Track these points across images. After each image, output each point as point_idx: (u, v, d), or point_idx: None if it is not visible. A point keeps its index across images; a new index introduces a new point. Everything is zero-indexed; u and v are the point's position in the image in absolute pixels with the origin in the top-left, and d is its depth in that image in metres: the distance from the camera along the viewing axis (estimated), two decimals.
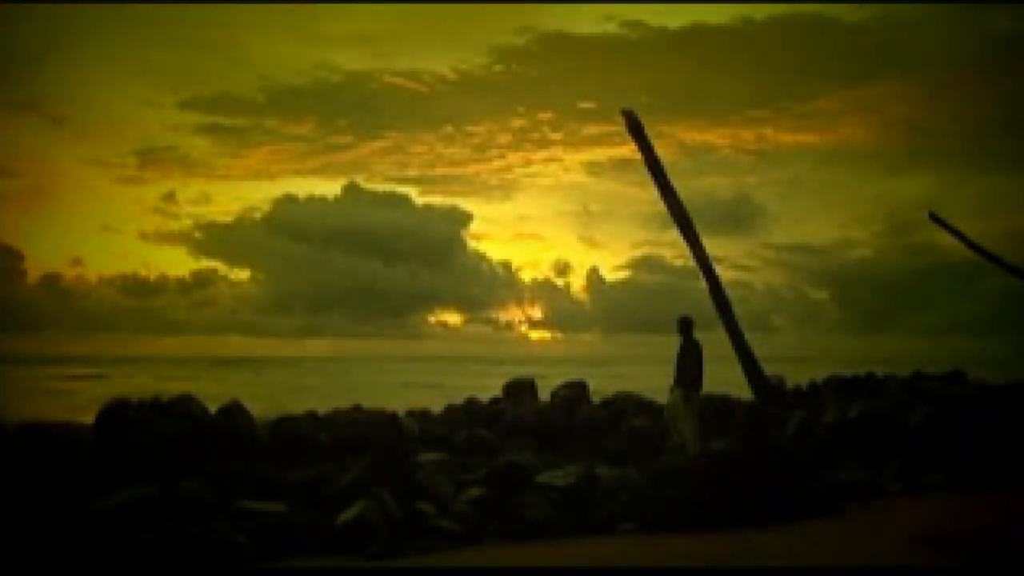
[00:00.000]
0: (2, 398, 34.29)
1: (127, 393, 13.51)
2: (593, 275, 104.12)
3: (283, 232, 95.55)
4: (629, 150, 11.27)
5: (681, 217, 10.63)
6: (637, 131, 10.62)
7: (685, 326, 11.86)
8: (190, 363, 78.61)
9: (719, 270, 10.70)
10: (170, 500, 8.87)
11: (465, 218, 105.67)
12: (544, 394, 16.27)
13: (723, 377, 14.20)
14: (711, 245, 10.71)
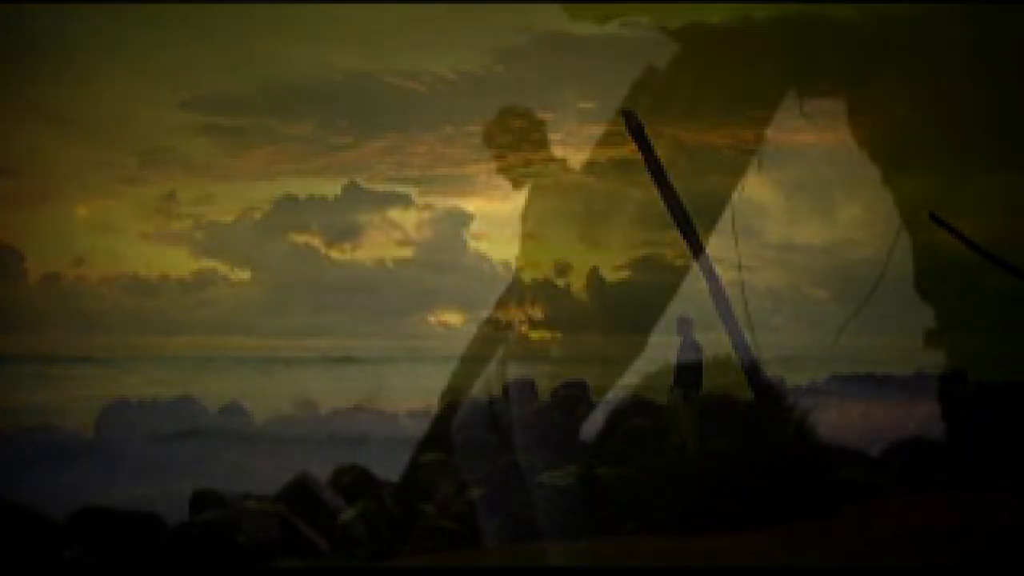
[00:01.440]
0: (3, 397, 34.24)
1: (127, 393, 13.52)
2: (593, 275, 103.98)
3: (283, 232, 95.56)
4: (629, 150, 11.25)
5: (681, 217, 10.62)
6: (637, 132, 10.60)
7: (685, 326, 11.83)
8: (191, 363, 78.47)
9: (719, 270, 10.70)
10: (170, 500, 8.87)
11: (465, 218, 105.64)
12: (544, 394, 16.23)
13: (723, 377, 14.16)
14: (711, 245, 10.70)
